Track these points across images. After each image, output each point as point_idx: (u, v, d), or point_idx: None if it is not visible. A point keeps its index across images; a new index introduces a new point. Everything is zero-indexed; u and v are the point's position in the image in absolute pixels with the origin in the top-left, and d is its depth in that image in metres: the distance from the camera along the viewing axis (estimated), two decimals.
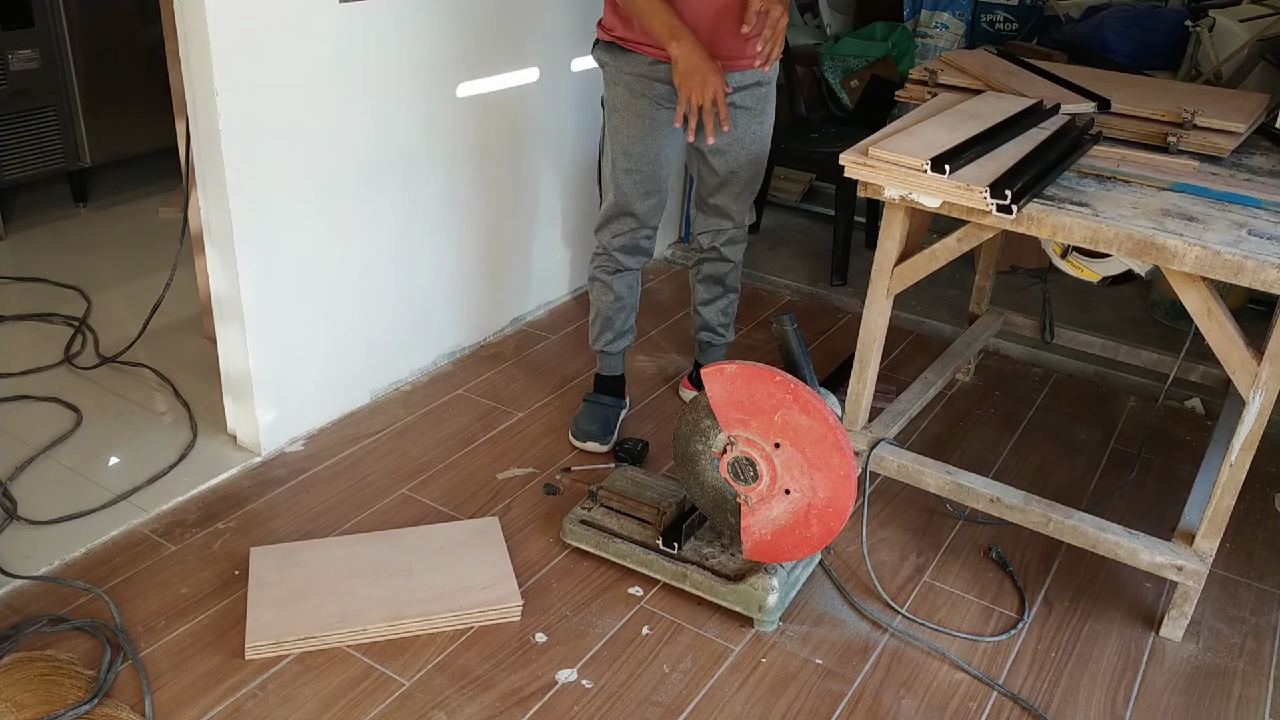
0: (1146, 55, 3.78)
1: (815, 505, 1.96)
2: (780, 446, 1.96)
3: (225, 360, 2.50)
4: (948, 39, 4.41)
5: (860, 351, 2.32)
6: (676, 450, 2.14)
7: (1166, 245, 1.85)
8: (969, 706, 1.96)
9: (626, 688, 1.94)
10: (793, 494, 1.98)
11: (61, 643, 1.94)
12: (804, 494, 1.97)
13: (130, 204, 4.04)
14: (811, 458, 1.94)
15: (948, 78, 2.55)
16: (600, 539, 2.22)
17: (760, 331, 3.36)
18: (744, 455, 2.00)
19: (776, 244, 4.01)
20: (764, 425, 1.96)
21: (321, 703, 1.86)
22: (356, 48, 2.43)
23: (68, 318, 3.12)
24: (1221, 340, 1.93)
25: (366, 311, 2.69)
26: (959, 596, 2.24)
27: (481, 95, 2.82)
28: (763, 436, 1.97)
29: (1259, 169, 2.24)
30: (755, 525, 2.04)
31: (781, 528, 2.01)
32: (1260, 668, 2.10)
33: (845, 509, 1.94)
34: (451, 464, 2.56)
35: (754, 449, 1.99)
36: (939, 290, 3.58)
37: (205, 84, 2.16)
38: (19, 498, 2.32)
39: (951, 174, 1.93)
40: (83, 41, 3.71)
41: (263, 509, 2.35)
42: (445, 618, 2.04)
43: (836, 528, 1.97)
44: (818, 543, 2.00)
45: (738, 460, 2.01)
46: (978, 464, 2.69)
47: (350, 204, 2.55)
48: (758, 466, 1.99)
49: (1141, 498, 2.61)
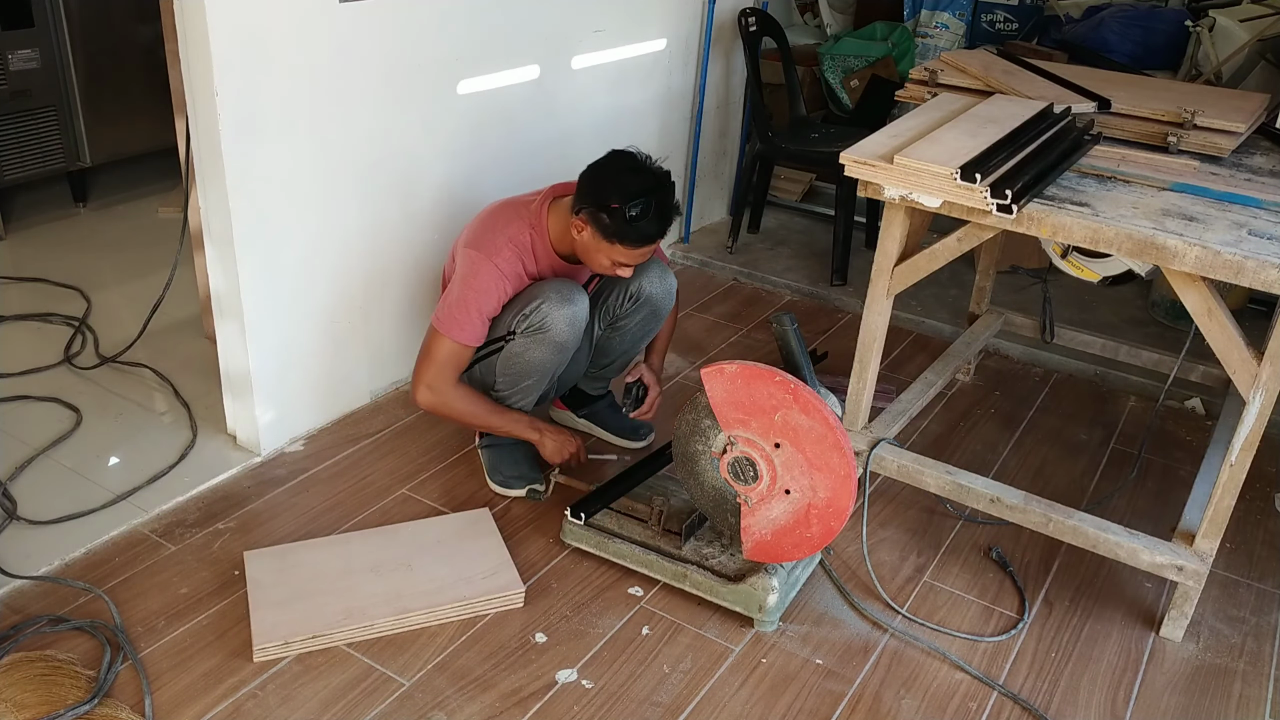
0: (1146, 55, 3.79)
1: (815, 505, 1.96)
2: (780, 446, 1.96)
3: (225, 360, 2.50)
4: (948, 39, 4.41)
5: (860, 351, 2.32)
6: (676, 450, 2.14)
7: (1167, 245, 1.85)
8: (969, 706, 1.96)
9: (626, 688, 1.94)
10: (793, 494, 1.98)
11: (61, 643, 1.94)
12: (804, 494, 1.97)
13: (130, 204, 4.04)
14: (812, 457, 1.94)
15: (948, 78, 2.55)
16: (600, 539, 2.22)
17: (760, 331, 3.36)
18: (744, 455, 1.99)
19: (776, 244, 4.01)
20: (764, 425, 1.96)
21: (321, 703, 1.85)
22: (356, 48, 2.43)
23: (68, 318, 3.12)
24: (1221, 340, 1.93)
25: (366, 311, 2.69)
26: (959, 596, 2.24)
27: (481, 93, 2.82)
28: (763, 436, 1.97)
29: (1259, 169, 2.24)
30: (755, 525, 2.04)
31: (782, 528, 2.01)
32: (1260, 668, 2.10)
33: (845, 508, 1.94)
34: (451, 464, 2.56)
35: (754, 449, 1.98)
36: (939, 290, 3.58)
37: (205, 84, 2.16)
38: (19, 498, 2.32)
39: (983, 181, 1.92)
40: (83, 41, 3.71)
41: (263, 509, 2.35)
42: (450, 608, 2.05)
43: (837, 527, 1.97)
44: (818, 542, 1.99)
45: (738, 460, 2.00)
46: (978, 464, 2.69)
47: (350, 203, 2.55)
48: (758, 466, 1.99)
49: (1141, 498, 2.61)
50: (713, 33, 3.74)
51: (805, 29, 4.84)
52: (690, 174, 3.93)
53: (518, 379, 2.34)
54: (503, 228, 2.30)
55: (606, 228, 2.19)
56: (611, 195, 2.17)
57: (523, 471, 2.46)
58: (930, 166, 1.96)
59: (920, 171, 1.98)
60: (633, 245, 2.21)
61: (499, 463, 2.47)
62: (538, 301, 2.25)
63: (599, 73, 3.27)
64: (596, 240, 2.22)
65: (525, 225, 2.31)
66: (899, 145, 2.07)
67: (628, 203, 2.15)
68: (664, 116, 3.71)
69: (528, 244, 2.30)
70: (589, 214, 2.20)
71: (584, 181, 2.26)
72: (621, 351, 2.57)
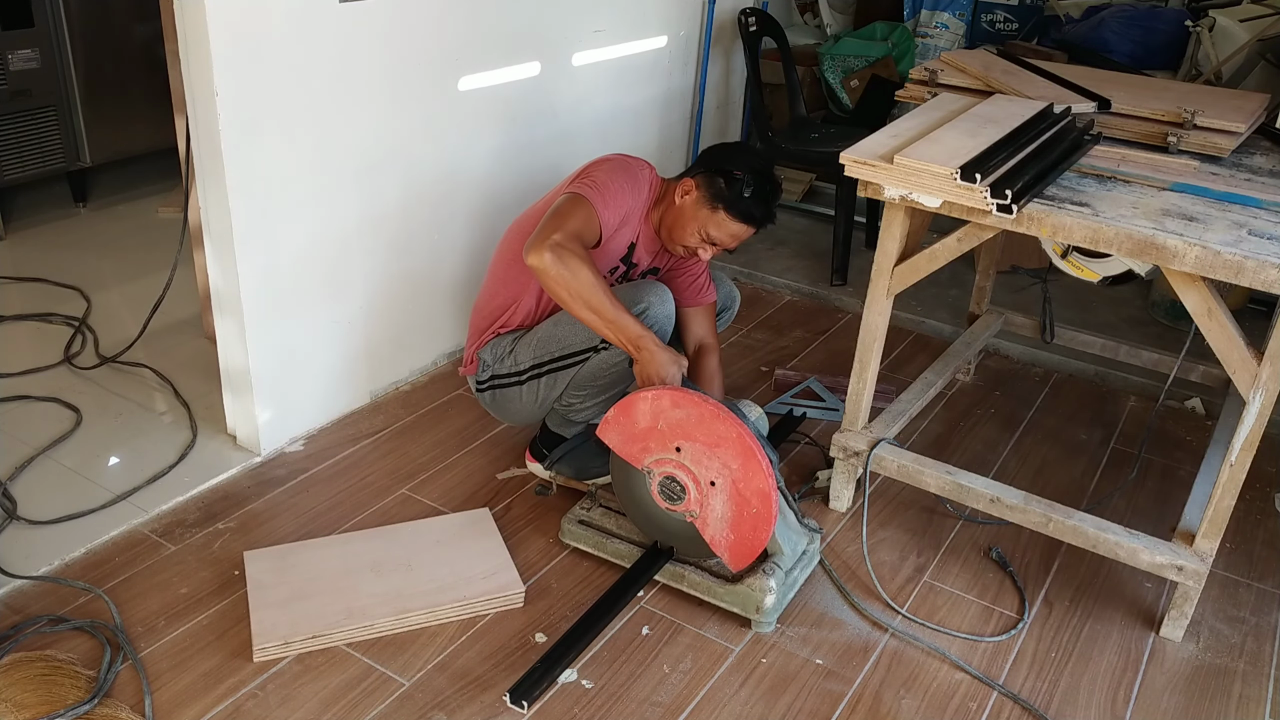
0: (1146, 55, 3.79)
1: (738, 479, 1.97)
2: (681, 449, 2.00)
3: (225, 360, 2.50)
4: (948, 39, 4.42)
5: (860, 351, 2.32)
6: (633, 517, 2.16)
7: (1167, 245, 1.85)
8: (969, 706, 1.96)
9: (626, 688, 1.94)
10: (718, 482, 1.99)
11: (61, 643, 1.93)
12: (724, 475, 1.98)
13: (130, 204, 4.04)
14: (705, 439, 1.97)
15: (948, 78, 2.55)
16: (599, 539, 2.22)
17: (760, 331, 3.36)
18: (665, 476, 2.03)
19: (776, 244, 4.01)
20: (659, 440, 2.01)
21: (321, 703, 1.85)
22: (356, 47, 2.43)
23: (68, 318, 3.12)
24: (1221, 340, 1.92)
25: (366, 311, 2.69)
26: (959, 596, 2.24)
27: (482, 92, 2.82)
28: (664, 450, 2.01)
29: (1259, 169, 2.24)
30: (714, 533, 2.04)
31: (732, 519, 2.01)
32: (1260, 668, 2.10)
33: (758, 464, 1.94)
34: (451, 464, 2.56)
35: (666, 465, 2.02)
36: (939, 290, 3.58)
37: (205, 83, 2.16)
38: (19, 498, 2.32)
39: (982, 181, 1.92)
40: (83, 41, 3.71)
41: (263, 509, 2.35)
42: (450, 608, 2.05)
43: (767, 489, 1.94)
44: (765, 513, 1.96)
45: (663, 484, 2.04)
46: (978, 464, 2.69)
47: (351, 202, 2.55)
48: (678, 478, 2.01)
49: (1141, 498, 2.61)
50: (713, 32, 3.74)
51: (805, 29, 4.85)
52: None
53: (609, 387, 2.26)
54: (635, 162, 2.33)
55: (719, 192, 2.21)
56: (738, 164, 2.22)
57: (600, 464, 2.32)
58: (930, 166, 1.96)
59: (920, 171, 1.98)
60: (736, 218, 2.22)
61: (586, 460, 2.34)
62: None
63: (600, 72, 3.27)
64: (699, 206, 2.23)
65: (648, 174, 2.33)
66: (899, 145, 2.07)
67: (749, 174, 2.20)
68: (664, 116, 3.71)
69: (651, 186, 2.32)
70: (705, 177, 2.23)
71: (707, 152, 2.31)
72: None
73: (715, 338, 2.51)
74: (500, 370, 2.37)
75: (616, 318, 2.05)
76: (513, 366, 2.34)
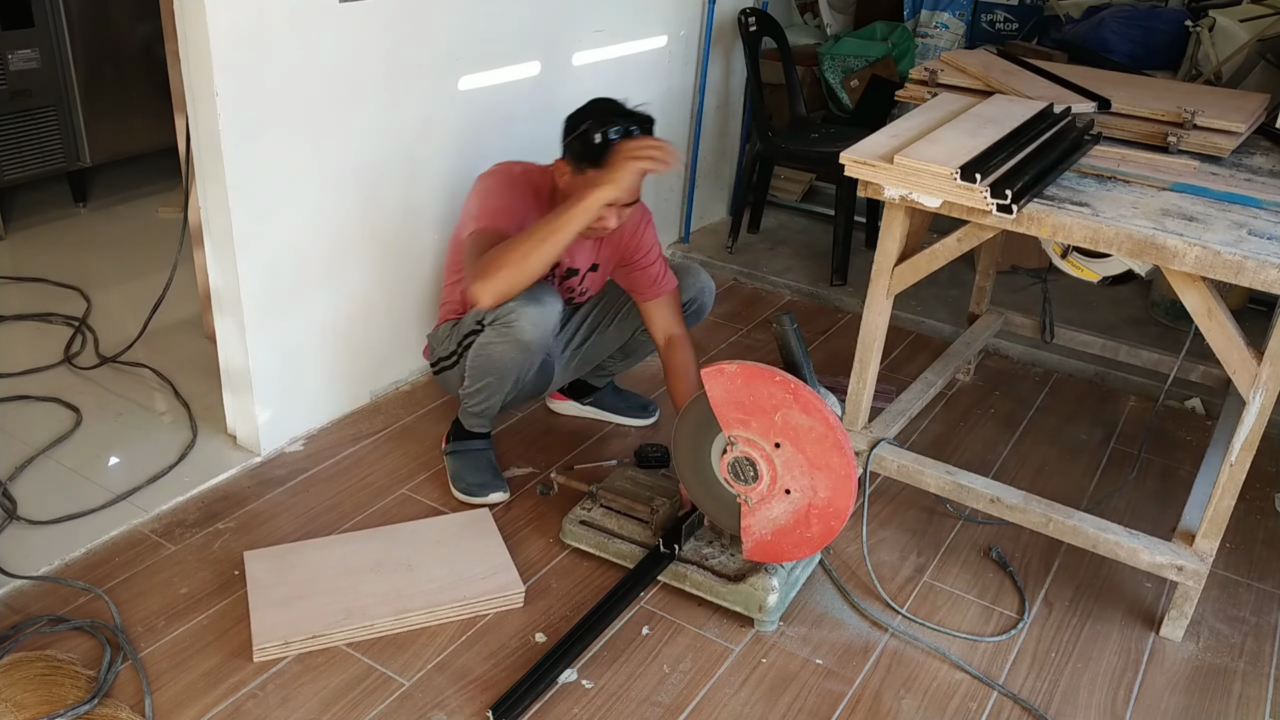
0: (1146, 55, 3.78)
1: (816, 505, 1.96)
2: (780, 446, 1.96)
3: (225, 360, 2.50)
4: (948, 39, 4.41)
5: (860, 351, 2.32)
6: (675, 450, 2.14)
7: (1166, 245, 1.85)
8: (969, 706, 1.96)
9: (626, 688, 1.94)
10: (793, 494, 1.98)
11: (61, 643, 1.93)
12: (804, 494, 1.97)
13: (130, 204, 4.04)
14: (812, 457, 1.94)
15: (948, 78, 2.55)
16: (600, 539, 2.22)
17: (760, 331, 3.36)
18: (744, 455, 1.99)
19: (776, 244, 4.01)
20: (764, 425, 1.96)
21: (321, 703, 1.85)
22: (356, 47, 2.43)
23: (68, 318, 3.12)
24: (1221, 340, 1.93)
25: (367, 311, 2.69)
26: (959, 596, 2.24)
27: (482, 91, 2.82)
28: (763, 436, 1.97)
29: (1259, 169, 2.24)
30: (756, 525, 2.04)
31: (782, 527, 2.01)
32: (1260, 668, 2.10)
33: (846, 508, 1.94)
34: None
35: (754, 449, 1.98)
36: (939, 290, 3.58)
37: (205, 84, 2.16)
38: (19, 498, 2.32)
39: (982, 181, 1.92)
40: (83, 41, 3.71)
41: (263, 509, 2.35)
42: (450, 609, 2.05)
43: (837, 527, 1.97)
44: (818, 542, 1.99)
45: (738, 460, 2.00)
46: (978, 464, 2.69)
47: (351, 202, 2.55)
48: (758, 466, 1.99)
49: (1141, 498, 2.61)
50: (713, 32, 3.74)
51: (805, 29, 4.84)
52: (690, 174, 3.93)
53: (481, 374, 2.31)
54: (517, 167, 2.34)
55: (579, 154, 2.15)
56: (581, 120, 2.16)
57: (486, 479, 2.40)
58: (930, 166, 1.96)
59: (920, 171, 1.98)
60: (600, 165, 2.12)
61: (462, 470, 2.43)
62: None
63: (600, 71, 3.27)
64: (574, 178, 2.18)
65: (537, 170, 2.33)
66: (899, 145, 2.07)
67: (591, 120, 2.12)
68: (664, 116, 3.70)
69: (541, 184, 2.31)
70: (567, 151, 2.21)
71: (564, 125, 2.23)
72: (614, 345, 2.59)
73: (684, 327, 2.47)
74: (440, 354, 2.48)
75: (560, 221, 2.07)
76: (445, 351, 2.45)
